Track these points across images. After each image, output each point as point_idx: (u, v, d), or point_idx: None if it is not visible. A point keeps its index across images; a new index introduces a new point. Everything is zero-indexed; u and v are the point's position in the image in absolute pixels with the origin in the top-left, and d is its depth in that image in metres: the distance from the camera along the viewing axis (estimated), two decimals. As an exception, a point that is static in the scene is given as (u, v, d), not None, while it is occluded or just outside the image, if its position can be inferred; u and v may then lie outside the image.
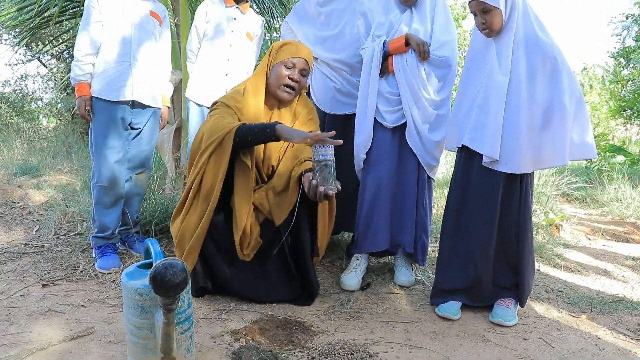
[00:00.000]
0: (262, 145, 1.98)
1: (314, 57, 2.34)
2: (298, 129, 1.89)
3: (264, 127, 1.79)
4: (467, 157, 1.89)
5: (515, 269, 1.88)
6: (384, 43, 2.12)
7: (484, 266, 1.87)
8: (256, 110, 1.98)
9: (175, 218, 1.94)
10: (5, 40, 8.59)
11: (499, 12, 1.74)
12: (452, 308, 1.90)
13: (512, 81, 1.75)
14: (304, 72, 2.01)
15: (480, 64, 1.87)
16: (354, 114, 2.27)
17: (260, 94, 2.01)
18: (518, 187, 1.83)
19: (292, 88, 1.99)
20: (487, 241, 1.85)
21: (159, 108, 2.43)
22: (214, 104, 2.01)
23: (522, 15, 1.76)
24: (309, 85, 2.43)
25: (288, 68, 1.98)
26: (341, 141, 1.74)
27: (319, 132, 1.79)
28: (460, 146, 1.90)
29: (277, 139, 1.79)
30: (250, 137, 1.79)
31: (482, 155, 1.81)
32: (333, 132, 1.72)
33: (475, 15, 1.79)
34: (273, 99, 2.04)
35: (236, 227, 1.88)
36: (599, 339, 1.79)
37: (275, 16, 4.60)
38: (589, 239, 3.47)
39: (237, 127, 1.79)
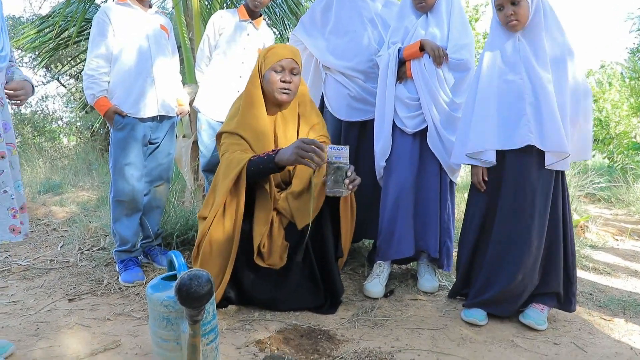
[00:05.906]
0: None
1: (326, 66, 2.35)
2: (300, 138, 1.90)
3: (266, 162, 1.83)
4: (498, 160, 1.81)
5: (557, 271, 1.82)
6: (399, 50, 2.11)
7: (523, 275, 1.79)
8: (259, 121, 1.99)
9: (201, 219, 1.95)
10: (26, 63, 8.86)
11: (526, 4, 1.73)
12: (478, 314, 1.86)
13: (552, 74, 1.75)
14: (295, 71, 2.01)
15: (509, 63, 1.80)
16: (370, 120, 2.26)
17: (259, 104, 2.01)
18: (560, 183, 1.82)
19: (288, 89, 2.00)
20: (528, 247, 1.77)
21: (176, 117, 2.45)
22: (219, 136, 2.04)
23: (549, 9, 1.77)
24: (322, 94, 2.43)
25: (278, 72, 1.98)
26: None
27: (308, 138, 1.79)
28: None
29: (281, 169, 1.84)
30: (258, 174, 1.86)
31: (517, 155, 1.76)
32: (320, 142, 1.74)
33: (500, 9, 1.78)
34: (273, 105, 2.05)
35: (255, 241, 1.91)
36: (634, 342, 1.74)
37: (288, 26, 4.63)
38: (617, 240, 3.38)
39: (246, 166, 1.84)
